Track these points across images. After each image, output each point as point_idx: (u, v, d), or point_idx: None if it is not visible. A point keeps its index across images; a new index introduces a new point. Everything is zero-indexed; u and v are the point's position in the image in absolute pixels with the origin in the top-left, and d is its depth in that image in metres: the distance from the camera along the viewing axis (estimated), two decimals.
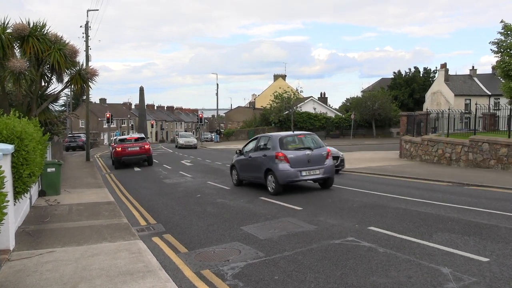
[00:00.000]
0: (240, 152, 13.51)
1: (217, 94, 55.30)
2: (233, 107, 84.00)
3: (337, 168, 15.07)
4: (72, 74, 12.26)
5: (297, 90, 53.36)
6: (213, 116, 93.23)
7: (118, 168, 22.21)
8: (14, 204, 7.00)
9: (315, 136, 12.63)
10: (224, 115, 75.10)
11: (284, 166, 10.98)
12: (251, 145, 13.14)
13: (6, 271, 5.53)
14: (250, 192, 11.99)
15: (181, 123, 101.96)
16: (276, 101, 48.78)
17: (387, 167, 17.42)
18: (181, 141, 43.55)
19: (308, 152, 11.35)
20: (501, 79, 26.71)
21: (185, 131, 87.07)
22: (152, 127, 75.36)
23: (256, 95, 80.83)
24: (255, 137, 13.62)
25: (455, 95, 47.81)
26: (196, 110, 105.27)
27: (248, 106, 78.71)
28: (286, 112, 47.93)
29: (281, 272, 5.45)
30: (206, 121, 78.83)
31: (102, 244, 6.76)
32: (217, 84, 60.05)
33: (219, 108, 59.26)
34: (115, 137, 32.77)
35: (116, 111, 72.59)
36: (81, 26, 28.21)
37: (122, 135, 34.97)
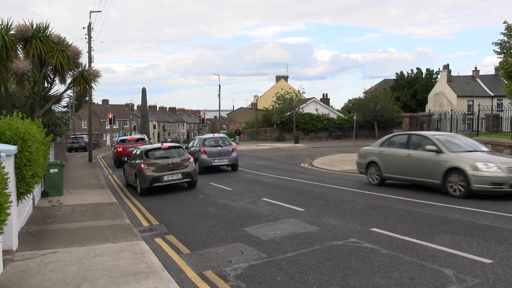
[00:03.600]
0: (186, 147, 18.90)
1: (219, 95, 55.93)
2: (235, 108, 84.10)
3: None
4: (75, 75, 12.28)
5: (299, 91, 53.16)
6: (215, 117, 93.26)
7: (119, 167, 22.39)
8: (17, 205, 7.03)
9: (227, 138, 19.67)
10: (226, 116, 75.17)
11: (204, 156, 17.67)
12: (194, 142, 19.42)
13: (9, 271, 5.55)
14: (252, 193, 11.99)
15: (183, 124, 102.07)
16: (278, 102, 48.66)
17: None
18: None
19: (219, 148, 18.09)
20: (504, 80, 26.57)
21: (187, 132, 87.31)
22: (155, 128, 75.35)
23: (258, 96, 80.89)
24: (193, 138, 21.53)
25: (458, 96, 47.66)
26: (198, 111, 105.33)
27: (250, 107, 78.74)
28: (288, 113, 47.88)
29: (284, 273, 5.45)
30: (208, 122, 78.91)
31: (105, 245, 6.77)
32: (219, 85, 60.48)
33: (221, 109, 59.32)
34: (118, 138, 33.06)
35: (119, 112, 72.73)
36: (84, 28, 28.18)
37: (125, 136, 35.32)
